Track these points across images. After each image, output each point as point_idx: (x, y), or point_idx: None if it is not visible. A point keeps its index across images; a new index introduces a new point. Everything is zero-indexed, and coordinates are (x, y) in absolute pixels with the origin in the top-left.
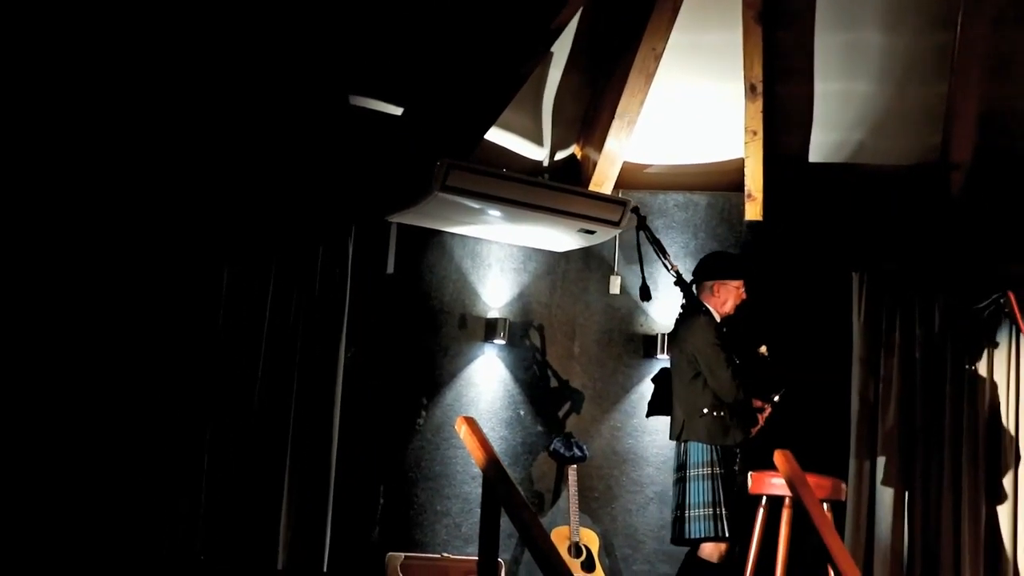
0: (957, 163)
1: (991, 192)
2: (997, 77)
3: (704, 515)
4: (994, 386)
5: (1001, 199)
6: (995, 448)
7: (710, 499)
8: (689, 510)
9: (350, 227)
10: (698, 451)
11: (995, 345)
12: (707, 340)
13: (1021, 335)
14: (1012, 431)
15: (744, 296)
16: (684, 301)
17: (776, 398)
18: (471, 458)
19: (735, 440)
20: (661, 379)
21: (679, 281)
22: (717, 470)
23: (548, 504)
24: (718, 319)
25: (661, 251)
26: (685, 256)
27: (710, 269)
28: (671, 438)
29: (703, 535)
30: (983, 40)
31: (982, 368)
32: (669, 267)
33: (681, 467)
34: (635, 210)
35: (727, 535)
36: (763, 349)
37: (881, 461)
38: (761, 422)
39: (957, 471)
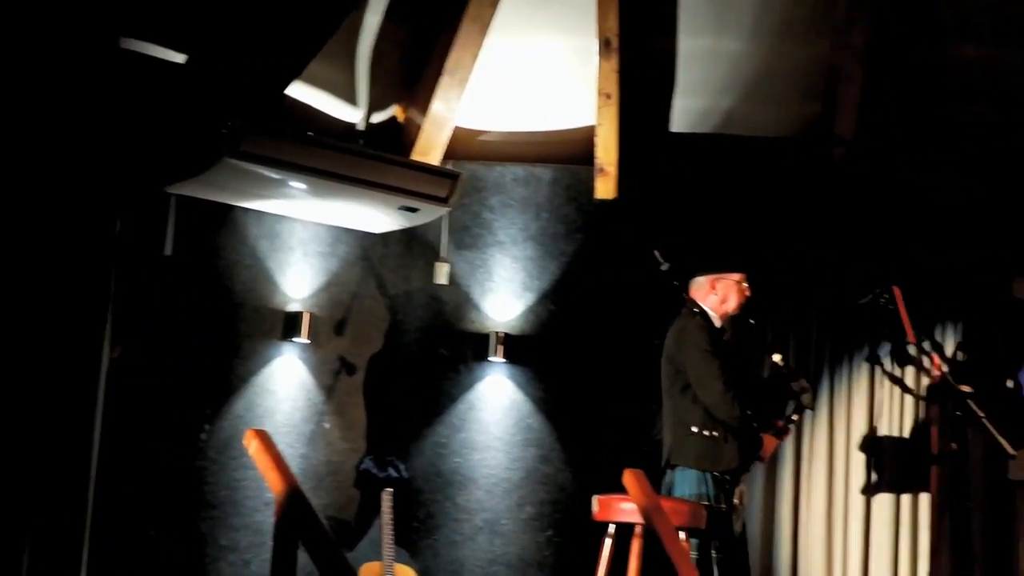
0: (840, 135)
1: (879, 169)
2: (887, 32)
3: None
4: (872, 396)
5: (892, 177)
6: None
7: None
8: None
9: (118, 199)
10: (686, 482)
11: (875, 348)
12: (697, 347)
13: (907, 337)
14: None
15: (748, 293)
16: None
17: (795, 416)
18: (264, 481)
19: (729, 465)
20: None
21: (670, 276)
22: (706, 505)
23: (357, 536)
24: (717, 322)
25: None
26: (525, 240)
27: (705, 261)
28: (661, 466)
29: None
30: None
31: (861, 375)
32: (660, 260)
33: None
34: None
35: None
36: (777, 357)
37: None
38: (774, 445)
39: (830, 489)
